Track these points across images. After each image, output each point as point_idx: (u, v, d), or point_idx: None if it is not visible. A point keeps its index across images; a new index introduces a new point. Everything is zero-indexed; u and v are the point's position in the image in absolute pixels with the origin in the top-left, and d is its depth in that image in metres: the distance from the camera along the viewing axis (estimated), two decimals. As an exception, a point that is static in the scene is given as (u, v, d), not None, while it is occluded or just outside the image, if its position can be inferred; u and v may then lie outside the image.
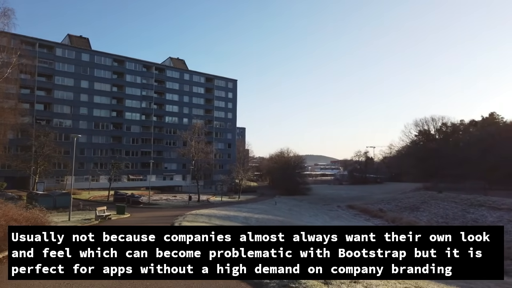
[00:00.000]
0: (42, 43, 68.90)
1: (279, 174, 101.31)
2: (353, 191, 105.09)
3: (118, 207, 29.91)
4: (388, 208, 69.85)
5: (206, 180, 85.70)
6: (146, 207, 43.29)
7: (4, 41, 34.13)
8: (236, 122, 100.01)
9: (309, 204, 75.48)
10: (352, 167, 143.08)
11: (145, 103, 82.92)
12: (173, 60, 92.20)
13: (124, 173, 74.85)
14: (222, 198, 63.26)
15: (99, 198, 53.66)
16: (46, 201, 33.50)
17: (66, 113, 71.12)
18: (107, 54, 77.66)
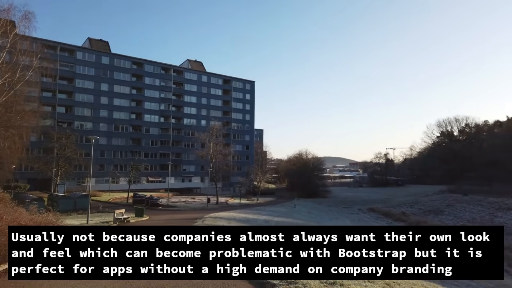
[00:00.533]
0: (63, 46, 70.09)
1: (297, 176, 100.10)
2: (374, 193, 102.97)
3: (136, 209, 29.69)
4: (411, 211, 67.87)
5: (225, 182, 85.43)
6: (164, 210, 43.08)
7: (25, 44, 34.50)
8: (254, 124, 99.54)
9: (328, 207, 74.13)
10: (372, 169, 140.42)
11: (163, 105, 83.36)
12: (191, 62, 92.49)
13: (143, 175, 75.30)
14: (240, 200, 62.68)
15: (118, 200, 53.90)
16: (66, 203, 33.69)
17: (87, 116, 72.09)
18: (126, 57, 78.46)
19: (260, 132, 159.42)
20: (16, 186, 56.62)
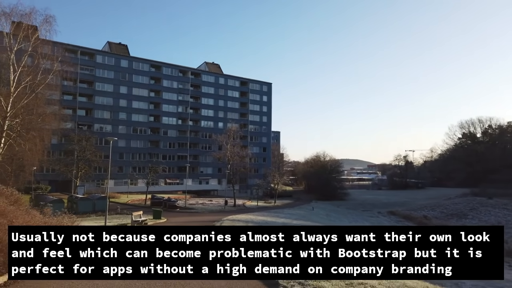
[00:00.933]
0: (83, 50, 71.30)
1: (315, 179, 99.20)
2: (394, 196, 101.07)
3: (154, 211, 29.65)
4: (433, 215, 66.15)
5: (242, 184, 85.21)
6: (182, 212, 43.03)
7: (46, 48, 35.04)
8: (271, 126, 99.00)
9: (347, 210, 73.01)
10: (392, 172, 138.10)
11: (181, 108, 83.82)
12: (208, 65, 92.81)
13: (161, 177, 75.77)
14: (258, 203, 62.26)
15: (137, 201, 54.26)
16: (85, 205, 33.96)
17: (106, 118, 73.05)
18: (144, 60, 79.25)
19: (277, 134, 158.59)
20: (38, 187, 57.65)
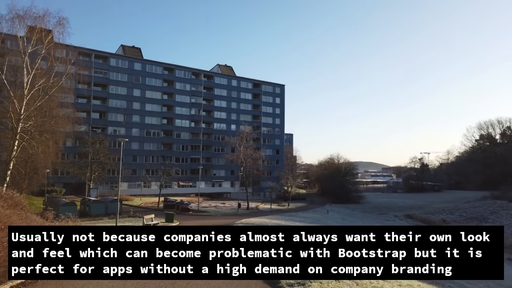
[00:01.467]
0: (97, 54, 71.77)
1: (329, 181, 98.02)
2: (410, 199, 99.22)
3: (166, 214, 29.19)
4: (451, 219, 64.33)
5: (255, 187, 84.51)
6: (195, 215, 42.53)
7: (59, 51, 35.07)
8: (284, 128, 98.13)
9: (362, 213, 71.74)
10: (407, 174, 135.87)
11: (194, 110, 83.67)
12: (221, 67, 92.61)
13: (174, 179, 75.66)
14: (271, 206, 61.46)
15: (150, 204, 54.06)
16: (98, 207, 33.75)
17: (120, 121, 73.32)
18: (158, 62, 79.47)
19: (290, 137, 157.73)
20: (52, 190, 58.09)
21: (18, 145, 31.77)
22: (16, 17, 31.75)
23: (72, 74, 36.36)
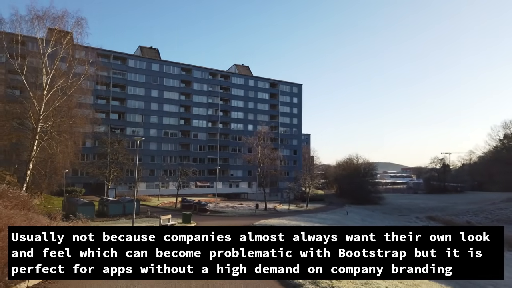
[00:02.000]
0: (116, 55, 72.42)
1: (347, 182, 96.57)
2: (431, 200, 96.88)
3: (184, 215, 28.81)
4: (476, 221, 62.11)
5: (272, 187, 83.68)
6: (212, 215, 42.13)
7: (78, 52, 35.23)
8: (301, 128, 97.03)
9: (383, 215, 70.23)
10: (429, 175, 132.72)
11: (211, 110, 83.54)
12: (238, 67, 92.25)
13: (192, 180, 75.66)
14: (289, 207, 60.60)
15: (167, 204, 53.98)
16: (116, 208, 33.68)
17: (138, 122, 73.76)
18: (175, 63, 79.68)
19: (307, 137, 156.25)
20: (73, 190, 58.82)
21: (37, 145, 32.02)
22: (35, 17, 32.06)
23: (90, 74, 36.54)
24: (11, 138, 33.53)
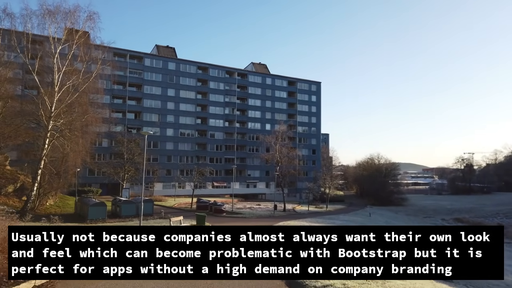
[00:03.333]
0: (132, 54, 71.83)
1: (368, 183, 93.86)
2: (457, 202, 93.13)
3: (197, 216, 27.22)
4: (508, 223, 58.54)
5: (290, 188, 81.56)
6: (229, 216, 40.48)
7: (88, 47, 34.18)
8: (320, 127, 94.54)
9: (407, 217, 67.33)
10: (453, 175, 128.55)
11: (228, 109, 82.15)
12: (255, 65, 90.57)
13: (208, 180, 74.41)
14: (309, 208, 58.48)
15: (183, 205, 52.69)
16: (128, 208, 32.41)
17: (154, 121, 72.91)
18: (191, 62, 78.61)
19: (326, 137, 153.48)
20: (89, 190, 58.26)
21: (48, 143, 31.07)
22: (46, 12, 31.14)
23: (102, 71, 35.53)
24: (26, 137, 32.70)
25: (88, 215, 29.16)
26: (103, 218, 29.38)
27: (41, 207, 35.48)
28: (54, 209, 37.64)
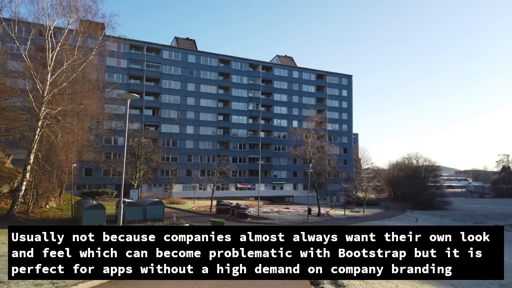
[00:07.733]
0: (149, 46, 67.08)
1: (405, 185, 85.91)
2: (505, 205, 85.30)
3: (213, 222, 21.34)
4: None
5: (320, 189, 74.78)
6: (254, 222, 34.40)
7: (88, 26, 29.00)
8: (352, 124, 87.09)
9: (455, 222, 59.67)
10: (496, 177, 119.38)
11: (252, 105, 76.22)
12: (280, 58, 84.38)
13: (231, 181, 68.62)
14: (345, 212, 51.64)
15: (202, 208, 46.89)
16: (133, 212, 26.78)
17: (173, 118, 67.86)
18: (212, 54, 73.16)
19: (355, 137, 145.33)
20: (103, 192, 53.93)
21: (39, 133, 25.94)
22: None
23: (106, 49, 30.25)
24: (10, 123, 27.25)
25: (82, 219, 23.77)
26: (100, 223, 23.84)
27: (37, 210, 30.57)
28: (54, 213, 32.66)
